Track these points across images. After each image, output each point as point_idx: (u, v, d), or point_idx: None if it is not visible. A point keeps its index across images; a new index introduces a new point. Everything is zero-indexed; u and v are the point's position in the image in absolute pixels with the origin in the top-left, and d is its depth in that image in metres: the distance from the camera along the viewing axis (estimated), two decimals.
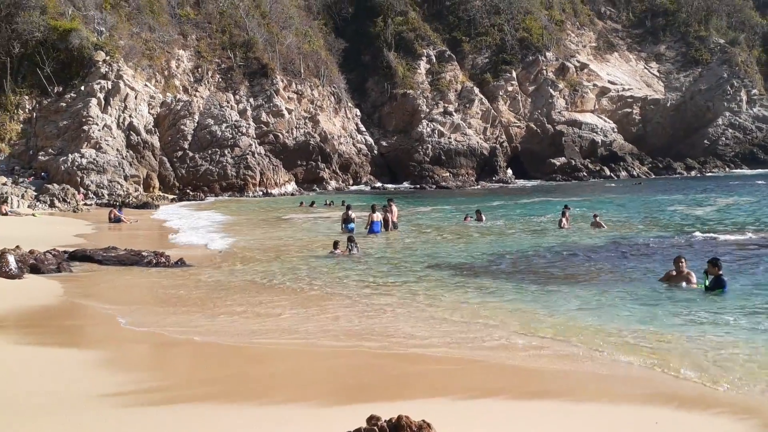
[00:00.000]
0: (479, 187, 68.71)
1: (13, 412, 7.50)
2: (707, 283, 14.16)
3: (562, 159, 78.58)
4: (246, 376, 9.24)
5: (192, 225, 33.01)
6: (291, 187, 61.46)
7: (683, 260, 15.23)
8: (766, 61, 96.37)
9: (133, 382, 8.69)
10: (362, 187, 67.60)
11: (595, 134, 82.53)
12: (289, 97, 67.87)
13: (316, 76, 71.50)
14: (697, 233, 25.09)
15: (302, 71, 69.90)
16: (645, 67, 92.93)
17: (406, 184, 70.28)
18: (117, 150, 54.85)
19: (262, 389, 8.58)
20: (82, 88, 56.29)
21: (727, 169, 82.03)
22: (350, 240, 21.64)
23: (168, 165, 57.68)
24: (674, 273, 15.14)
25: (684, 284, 14.80)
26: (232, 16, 70.55)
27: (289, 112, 66.85)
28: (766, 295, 13.81)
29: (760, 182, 60.02)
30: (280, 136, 65.62)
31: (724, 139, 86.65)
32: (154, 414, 7.59)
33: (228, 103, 64.28)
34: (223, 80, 66.02)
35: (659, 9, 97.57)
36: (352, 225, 28.15)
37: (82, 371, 9.16)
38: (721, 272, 14.12)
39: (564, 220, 27.55)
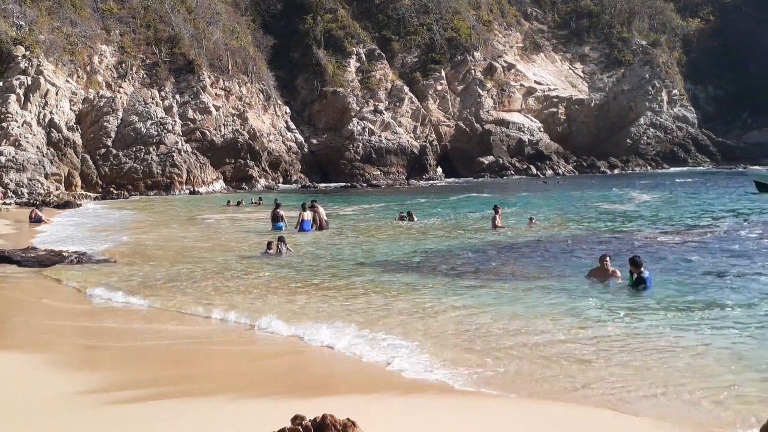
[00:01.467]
0: (410, 185, 69.00)
1: None
2: (631, 280, 14.41)
3: (491, 157, 79.66)
4: (186, 375, 8.97)
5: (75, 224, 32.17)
6: (219, 185, 60.52)
7: (607, 259, 15.48)
8: (687, 63, 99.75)
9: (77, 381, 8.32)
10: (293, 185, 67.07)
11: (522, 133, 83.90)
12: (216, 94, 66.76)
13: (244, 72, 70.55)
14: (621, 230, 25.67)
15: (230, 68, 68.87)
16: (570, 68, 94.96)
17: (336, 184, 70.03)
18: (37, 147, 52.96)
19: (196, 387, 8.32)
20: (1, 83, 54.12)
21: (648, 167, 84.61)
22: (280, 240, 21.35)
23: (91, 163, 56.05)
24: (600, 270, 15.37)
25: (610, 282, 15.03)
26: (156, 11, 68.94)
27: (217, 109, 65.77)
28: (679, 289, 14.15)
29: (678, 180, 62.10)
30: (208, 133, 64.50)
31: (645, 138, 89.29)
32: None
33: (153, 99, 62.81)
34: (147, 76, 64.46)
35: (583, 11, 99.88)
36: (280, 224, 27.80)
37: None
38: (642, 270, 14.38)
39: (497, 218, 27.76)
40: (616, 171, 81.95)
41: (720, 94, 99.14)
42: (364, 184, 68.99)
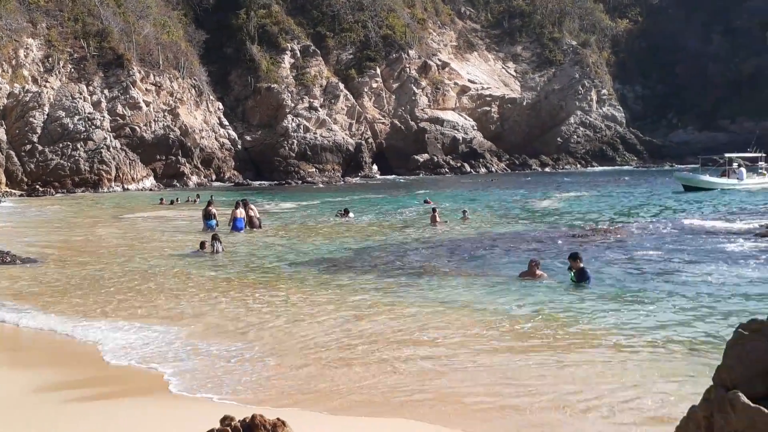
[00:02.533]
0: (345, 182, 68.90)
1: None
2: (573, 276, 14.58)
3: (425, 155, 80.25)
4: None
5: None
6: (149, 182, 59.36)
7: (534, 263, 15.54)
8: (615, 63, 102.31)
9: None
10: (226, 183, 66.24)
11: (456, 131, 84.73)
12: (146, 89, 65.39)
13: (175, 67, 69.32)
14: (552, 226, 26.13)
15: (161, 63, 67.55)
16: (503, 67, 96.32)
17: (270, 181, 69.42)
18: None
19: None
20: None
21: (578, 165, 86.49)
22: (214, 238, 20.89)
23: (16, 159, 54.27)
24: (529, 273, 15.45)
25: (540, 281, 15.16)
26: (85, 4, 67.15)
27: (147, 104, 64.44)
28: (603, 285, 14.46)
29: (606, 178, 63.67)
30: (138, 129, 63.15)
31: (575, 137, 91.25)
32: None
33: (81, 94, 61.17)
34: (75, 71, 62.74)
35: (516, 10, 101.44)
36: (213, 221, 27.31)
37: None
38: (582, 265, 14.58)
39: (436, 215, 28.11)
40: (547, 169, 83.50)
41: (647, 94, 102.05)
42: (299, 182, 68.61)
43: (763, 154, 52.57)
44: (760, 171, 51.22)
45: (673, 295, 13.22)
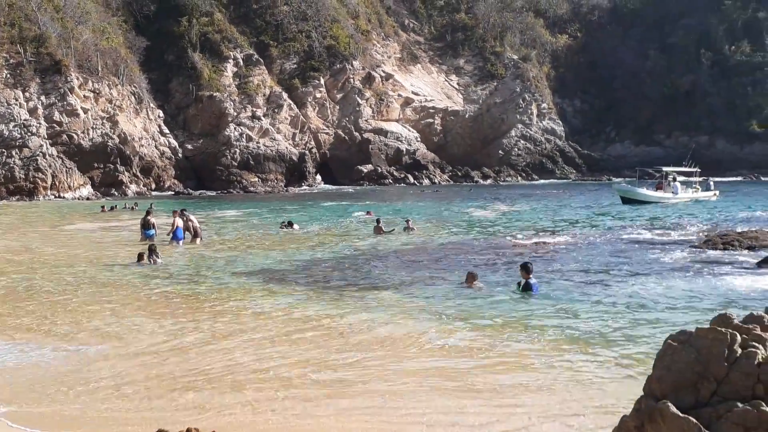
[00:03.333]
0: (288, 192, 68.49)
1: None
2: (518, 288, 14.74)
3: (369, 166, 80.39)
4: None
5: None
6: (86, 190, 58.07)
7: (471, 276, 15.67)
8: (555, 77, 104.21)
9: None
10: (167, 192, 65.20)
11: (399, 143, 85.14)
12: (85, 96, 63.99)
13: (115, 74, 68.04)
14: (493, 236, 26.44)
15: (100, 69, 66.21)
16: (446, 80, 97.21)
17: (212, 190, 68.57)
18: None
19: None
20: None
21: (519, 178, 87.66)
22: (151, 249, 20.42)
23: None
24: (468, 284, 15.56)
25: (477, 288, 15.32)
26: (22, 9, 65.39)
27: (85, 111, 63.07)
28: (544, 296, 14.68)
29: (547, 190, 64.78)
30: (75, 136, 61.74)
31: (516, 149, 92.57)
32: None
33: (16, 100, 59.51)
34: (11, 76, 60.99)
35: (458, 24, 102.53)
36: (151, 231, 26.82)
37: None
38: (530, 276, 14.76)
39: (380, 225, 28.47)
40: (488, 181, 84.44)
41: (586, 108, 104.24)
42: (242, 191, 67.98)
43: (698, 169, 54.28)
44: (693, 186, 52.81)
45: (604, 305, 13.50)
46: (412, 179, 79.61)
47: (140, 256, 20.13)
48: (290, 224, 31.05)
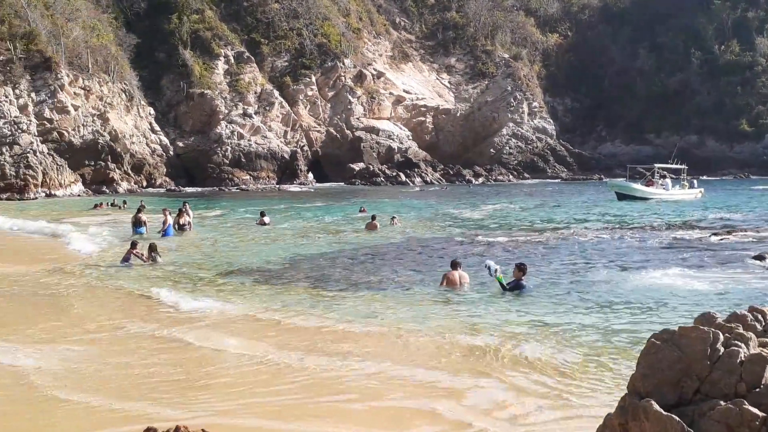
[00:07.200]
0: (280, 190, 68.40)
1: None
2: (503, 281, 14.73)
3: (361, 164, 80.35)
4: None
5: None
6: (77, 188, 57.92)
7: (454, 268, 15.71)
8: (546, 76, 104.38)
9: None
10: (158, 189, 65.06)
11: (391, 141, 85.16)
12: (75, 93, 63.73)
13: (105, 71, 67.76)
14: (480, 236, 26.54)
15: (90, 66, 65.94)
16: (437, 78, 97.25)
17: (204, 188, 68.46)
18: None
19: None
20: None
21: (510, 176, 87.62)
22: (152, 249, 20.21)
23: None
24: (450, 281, 15.56)
25: (459, 289, 15.31)
26: (11, 6, 64.98)
27: (76, 108, 62.84)
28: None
29: (543, 188, 65.01)
30: (66, 134, 61.53)
31: (508, 148, 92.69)
32: None
33: (6, 97, 59.20)
34: (1, 73, 60.62)
35: (450, 22, 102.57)
36: (142, 228, 26.91)
37: None
38: (523, 276, 14.79)
39: (374, 222, 28.63)
40: (480, 180, 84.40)
41: (576, 107, 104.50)
42: (233, 188, 67.92)
43: (685, 167, 55.06)
44: (682, 183, 53.31)
45: (594, 302, 13.60)
46: (404, 177, 79.50)
47: (133, 244, 20.11)
48: (262, 214, 31.52)
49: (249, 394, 8.36)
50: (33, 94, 61.01)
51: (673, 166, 54.34)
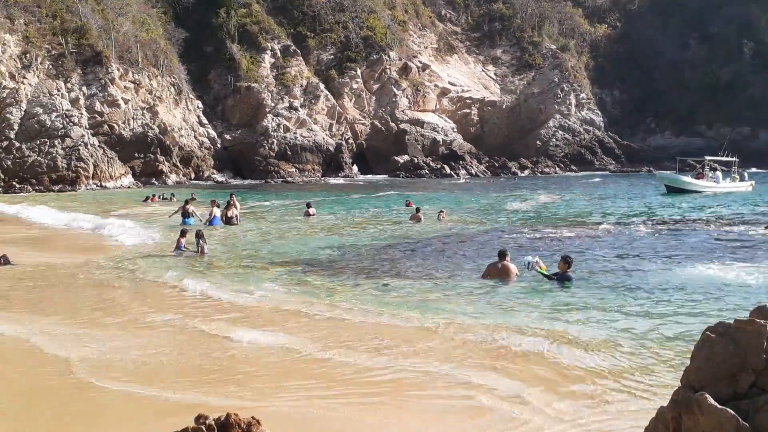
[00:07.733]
0: (325, 182, 68.80)
1: None
2: (544, 272, 14.71)
3: (406, 157, 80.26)
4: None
5: None
6: (127, 180, 59.00)
7: (503, 256, 15.63)
8: (594, 67, 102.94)
9: None
10: (205, 181, 65.95)
11: (436, 133, 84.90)
12: (125, 87, 64.89)
13: (154, 65, 68.85)
14: (526, 228, 26.35)
15: (140, 60, 67.07)
16: (483, 70, 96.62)
17: (250, 180, 69.23)
18: None
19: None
20: None
21: (557, 169, 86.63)
22: (198, 235, 20.29)
23: None
24: (495, 270, 15.47)
25: (507, 279, 15.22)
26: (63, 1, 66.38)
27: (126, 102, 63.97)
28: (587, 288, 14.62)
29: (591, 180, 64.17)
30: (116, 126, 62.71)
31: (554, 140, 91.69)
32: None
33: (59, 91, 60.55)
34: (53, 67, 62.03)
35: (496, 14, 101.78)
36: (190, 219, 27.38)
37: None
38: (569, 269, 14.71)
39: (419, 214, 28.74)
40: (526, 172, 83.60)
41: (625, 99, 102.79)
42: (279, 181, 68.51)
43: (736, 159, 53.71)
44: (732, 175, 52.15)
45: (644, 295, 13.43)
46: (448, 170, 79.13)
47: (183, 232, 20.52)
48: (308, 206, 31.91)
49: (295, 388, 8.41)
50: (84, 88, 62.27)
51: (724, 158, 53.10)
